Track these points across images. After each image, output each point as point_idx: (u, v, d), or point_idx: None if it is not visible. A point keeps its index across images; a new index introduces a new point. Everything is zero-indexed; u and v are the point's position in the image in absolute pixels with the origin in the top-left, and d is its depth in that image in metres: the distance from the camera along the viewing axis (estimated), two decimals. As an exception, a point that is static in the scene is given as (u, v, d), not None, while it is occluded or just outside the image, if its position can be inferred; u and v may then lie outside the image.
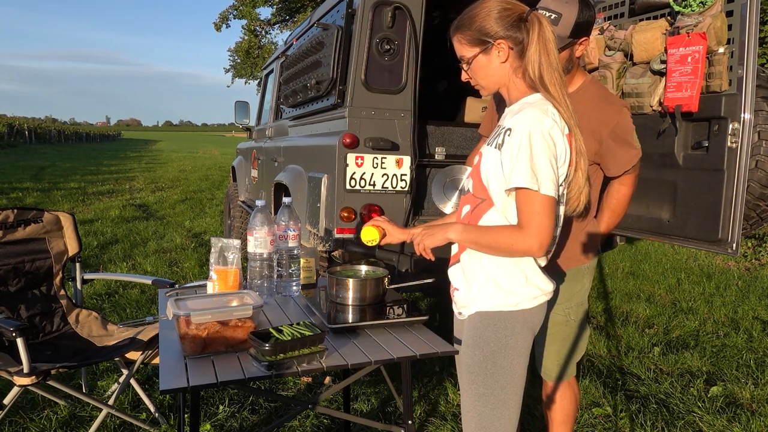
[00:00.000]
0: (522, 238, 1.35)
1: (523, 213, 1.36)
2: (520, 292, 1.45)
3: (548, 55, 1.39)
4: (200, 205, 10.03)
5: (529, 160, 1.33)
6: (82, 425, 2.52)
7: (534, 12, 1.40)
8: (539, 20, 1.38)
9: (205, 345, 1.44)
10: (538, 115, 1.35)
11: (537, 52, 1.38)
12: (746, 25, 1.74)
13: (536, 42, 1.38)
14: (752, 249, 6.48)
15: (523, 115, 1.36)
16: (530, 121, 1.34)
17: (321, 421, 2.61)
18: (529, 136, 1.33)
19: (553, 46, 1.39)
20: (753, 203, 2.17)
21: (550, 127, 1.35)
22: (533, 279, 1.46)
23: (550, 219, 1.35)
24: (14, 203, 9.01)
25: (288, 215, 1.92)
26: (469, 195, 1.52)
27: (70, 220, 2.64)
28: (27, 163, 19.13)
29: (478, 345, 1.48)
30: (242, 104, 6.04)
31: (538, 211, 1.34)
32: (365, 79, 2.86)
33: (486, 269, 1.47)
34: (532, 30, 1.38)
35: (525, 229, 1.35)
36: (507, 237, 1.37)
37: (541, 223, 1.34)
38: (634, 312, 4.43)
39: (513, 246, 1.37)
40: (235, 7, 14.68)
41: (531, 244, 1.34)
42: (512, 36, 1.40)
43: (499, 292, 1.46)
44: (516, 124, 1.37)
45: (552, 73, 1.39)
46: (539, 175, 1.33)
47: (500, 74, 1.45)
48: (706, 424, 2.69)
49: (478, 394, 1.49)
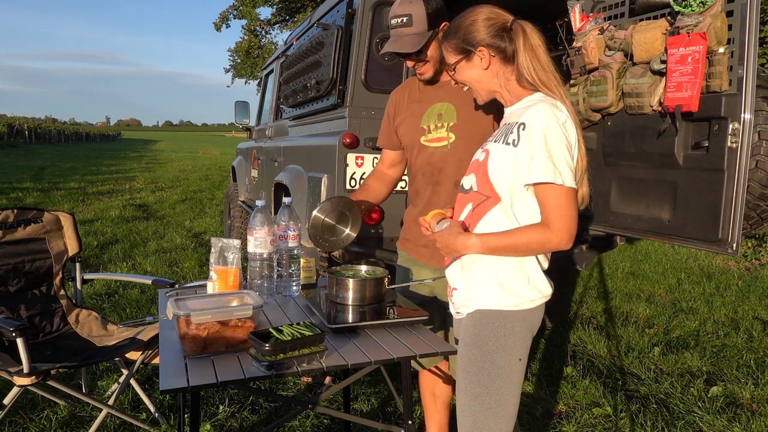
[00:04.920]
0: (553, 233, 1.37)
1: (550, 207, 1.38)
2: (521, 293, 1.45)
3: (539, 60, 1.44)
4: (200, 205, 10.03)
5: (549, 155, 1.35)
6: (82, 425, 2.52)
7: (518, 21, 1.46)
8: (523, 29, 1.44)
9: (205, 345, 1.44)
10: (551, 109, 1.39)
11: (527, 59, 1.43)
12: (746, 25, 1.74)
13: (523, 49, 1.43)
14: (752, 249, 6.48)
15: (537, 109, 1.39)
16: (545, 115, 1.37)
17: (321, 421, 2.61)
18: (546, 129, 1.36)
19: (542, 51, 1.45)
20: (753, 203, 2.17)
21: (564, 120, 1.39)
22: (535, 281, 1.47)
23: (575, 210, 1.39)
24: (14, 203, 9.00)
25: (288, 215, 1.92)
26: (472, 192, 1.51)
27: (70, 220, 2.64)
28: (27, 163, 19.13)
29: (476, 344, 1.48)
30: (242, 104, 6.04)
31: (564, 204, 1.36)
32: (365, 79, 2.86)
33: (488, 268, 1.47)
34: (517, 39, 1.44)
35: (554, 224, 1.37)
36: (539, 236, 1.38)
37: (569, 215, 1.37)
38: (634, 312, 4.43)
39: (546, 244, 1.39)
40: (235, 7, 14.69)
41: (562, 237, 1.37)
42: (494, 44, 1.46)
43: (501, 291, 1.46)
44: (531, 118, 1.39)
45: (547, 75, 1.44)
46: (561, 168, 1.35)
47: (486, 80, 1.51)
48: (706, 424, 2.69)
49: (474, 395, 1.48)
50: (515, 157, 1.41)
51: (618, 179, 2.30)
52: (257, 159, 5.18)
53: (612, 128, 2.26)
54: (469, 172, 1.56)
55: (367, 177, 2.18)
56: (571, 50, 2.35)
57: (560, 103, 1.43)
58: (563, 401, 2.92)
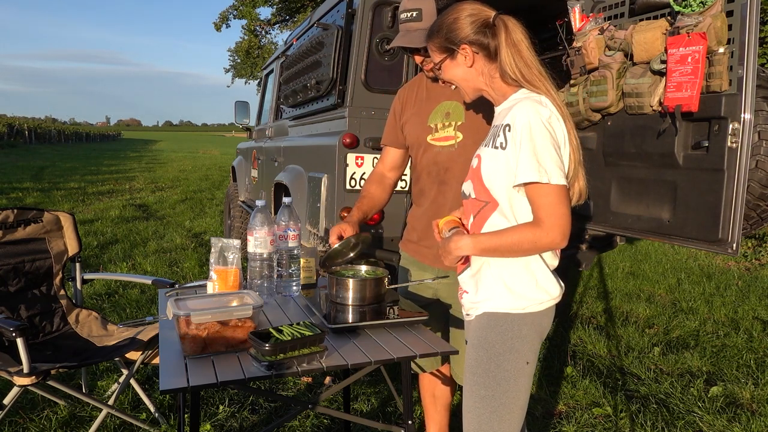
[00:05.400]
0: (544, 232, 1.35)
1: (539, 206, 1.36)
2: (529, 296, 1.44)
3: (521, 55, 1.41)
4: (200, 205, 10.03)
5: (534, 153, 1.33)
6: (82, 425, 2.52)
7: (500, 17, 1.43)
8: (505, 24, 1.42)
9: (205, 345, 1.44)
10: (535, 106, 1.36)
11: (509, 55, 1.41)
12: (746, 25, 1.74)
13: (505, 45, 1.42)
14: (752, 249, 6.49)
15: (519, 108, 1.37)
16: (528, 113, 1.35)
17: (321, 421, 2.61)
18: (529, 128, 1.34)
19: (525, 46, 1.42)
20: (753, 203, 2.17)
21: (548, 117, 1.36)
22: (543, 283, 1.45)
23: (566, 207, 1.36)
24: (14, 203, 9.00)
25: (288, 215, 1.92)
26: (472, 200, 1.51)
27: (70, 220, 2.63)
28: (27, 163, 19.13)
29: (483, 346, 1.47)
30: (242, 104, 6.04)
31: (553, 202, 1.34)
32: (365, 79, 2.86)
33: (494, 270, 1.46)
34: (499, 34, 1.42)
35: (544, 222, 1.35)
36: (530, 235, 1.36)
37: (559, 212, 1.34)
38: (634, 312, 4.43)
39: (537, 243, 1.36)
40: (235, 7, 14.69)
41: (554, 236, 1.35)
42: (476, 41, 1.44)
43: (508, 294, 1.44)
44: (514, 118, 1.38)
45: (530, 70, 1.42)
46: (546, 167, 1.33)
47: (472, 77, 1.50)
48: (706, 424, 2.69)
49: (480, 397, 1.47)
50: (505, 160, 1.39)
51: (618, 179, 2.30)
52: (257, 159, 5.18)
53: (612, 128, 2.26)
54: (467, 178, 1.55)
55: (368, 182, 2.13)
56: (571, 50, 2.35)
57: (546, 98, 1.40)
58: (563, 401, 2.92)
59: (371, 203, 2.06)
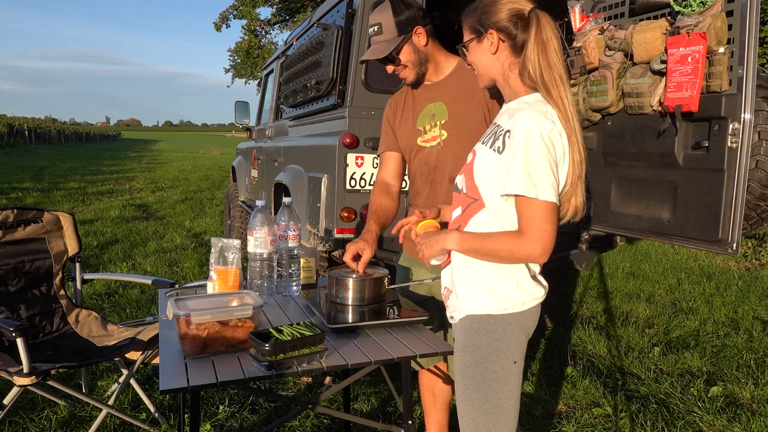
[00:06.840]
0: (523, 244, 1.32)
1: (524, 219, 1.33)
2: (511, 297, 1.42)
3: (546, 56, 1.37)
4: (200, 205, 10.03)
5: (526, 166, 1.30)
6: (82, 425, 2.52)
7: (535, 11, 1.39)
8: (538, 20, 1.37)
9: (205, 345, 1.44)
10: (538, 117, 1.33)
11: (534, 52, 1.37)
12: (746, 25, 1.74)
13: (533, 41, 1.37)
14: (752, 249, 6.49)
15: (522, 116, 1.34)
16: (529, 123, 1.32)
17: (321, 421, 2.60)
18: (527, 139, 1.31)
19: (553, 47, 1.38)
20: (753, 203, 2.17)
21: (549, 130, 1.33)
22: (525, 285, 1.43)
23: (551, 224, 1.32)
24: (14, 203, 9.01)
25: (288, 215, 1.92)
26: (462, 195, 1.49)
27: (70, 220, 2.63)
28: (27, 163, 19.13)
29: (469, 349, 1.46)
30: (242, 104, 6.04)
31: (539, 217, 1.31)
32: (365, 79, 2.86)
33: (473, 270, 1.44)
34: (530, 28, 1.38)
35: (526, 235, 1.32)
36: (508, 244, 1.34)
37: (543, 228, 1.31)
38: (634, 312, 4.43)
39: (515, 253, 1.34)
40: (235, 7, 14.70)
41: (533, 250, 1.32)
42: (505, 29, 1.41)
43: (489, 296, 1.43)
44: (514, 126, 1.35)
45: (552, 74, 1.37)
46: (537, 181, 1.30)
47: (491, 66, 1.47)
48: (706, 424, 2.69)
49: (472, 400, 1.46)
50: (499, 165, 1.37)
51: (618, 179, 2.30)
52: (257, 159, 5.18)
53: (612, 128, 2.26)
54: (461, 171, 1.54)
55: (375, 193, 2.09)
56: (571, 50, 2.35)
57: (552, 109, 1.36)
58: (563, 401, 2.92)
59: (386, 216, 2.05)
